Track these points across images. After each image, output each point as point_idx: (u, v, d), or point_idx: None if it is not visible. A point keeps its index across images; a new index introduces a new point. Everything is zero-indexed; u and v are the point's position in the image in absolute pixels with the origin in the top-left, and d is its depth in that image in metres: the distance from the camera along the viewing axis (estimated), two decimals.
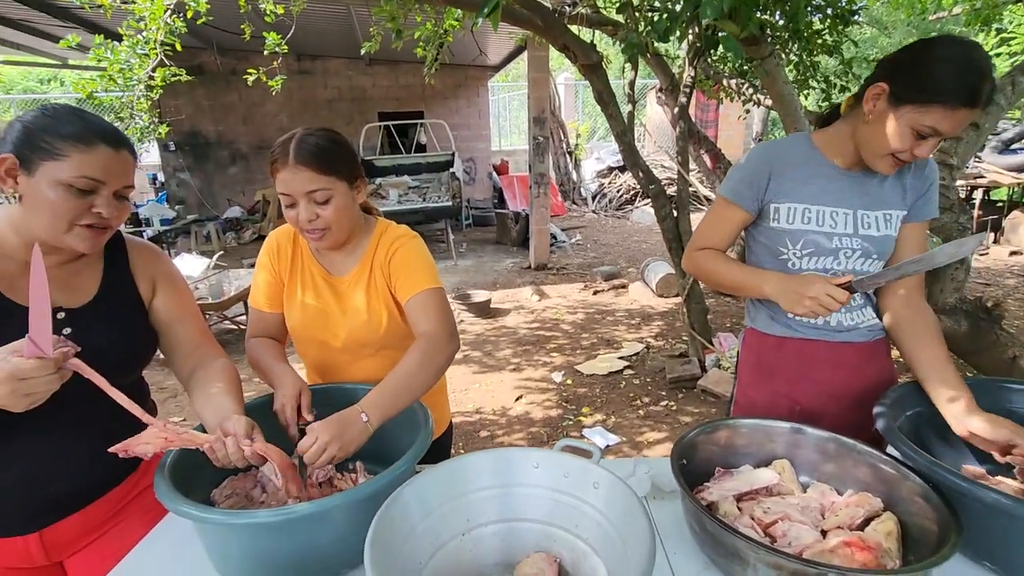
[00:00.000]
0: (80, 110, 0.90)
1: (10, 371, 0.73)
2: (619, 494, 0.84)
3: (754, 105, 4.16)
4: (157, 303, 1.10)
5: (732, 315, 4.85)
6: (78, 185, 0.87)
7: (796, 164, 1.21)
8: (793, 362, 1.28)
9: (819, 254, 1.19)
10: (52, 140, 0.86)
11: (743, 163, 1.27)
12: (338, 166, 1.13)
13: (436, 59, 4.27)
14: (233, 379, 1.07)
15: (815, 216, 1.19)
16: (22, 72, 14.78)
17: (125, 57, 4.29)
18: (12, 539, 0.96)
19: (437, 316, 1.17)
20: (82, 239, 0.91)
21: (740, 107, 4.84)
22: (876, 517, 0.93)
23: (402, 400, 1.04)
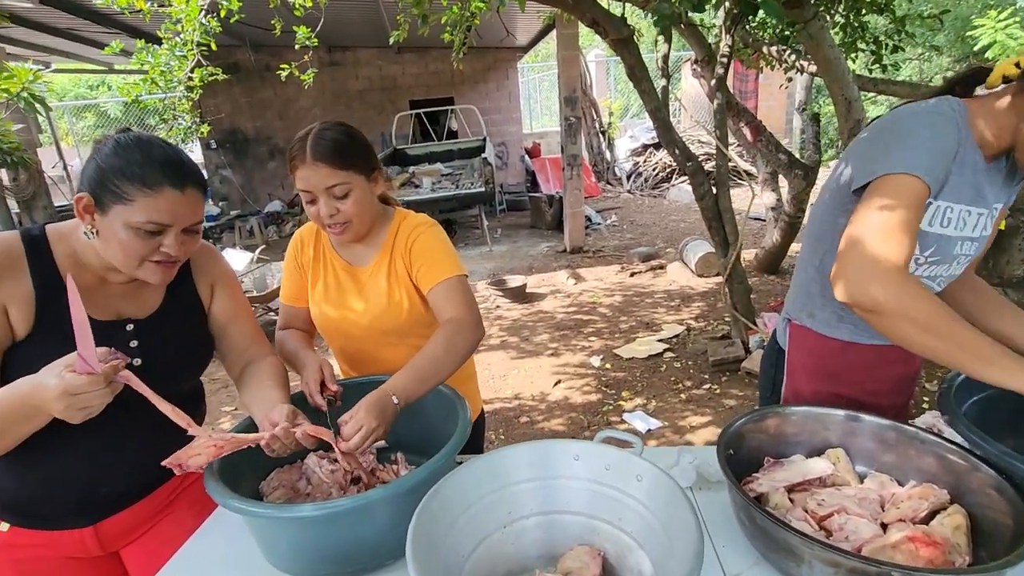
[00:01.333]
0: (149, 143, 0.92)
1: (64, 387, 0.76)
2: (663, 487, 0.81)
3: (797, 73, 3.95)
4: (215, 306, 1.14)
5: (777, 294, 4.68)
6: (146, 228, 0.89)
7: (963, 146, 0.94)
8: (862, 365, 1.14)
9: (942, 262, 1.01)
10: (120, 183, 0.87)
11: (925, 132, 0.92)
12: (355, 160, 1.14)
13: (464, 43, 4.22)
14: (281, 374, 1.10)
15: (955, 217, 0.96)
16: (72, 79, 15.47)
17: (165, 60, 4.42)
18: (70, 531, 1.01)
19: (461, 303, 1.18)
20: (152, 273, 0.94)
21: (781, 76, 4.61)
22: (942, 510, 0.87)
23: (427, 384, 1.05)
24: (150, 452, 0.90)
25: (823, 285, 1.12)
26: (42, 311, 0.91)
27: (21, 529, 0.99)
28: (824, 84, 3.00)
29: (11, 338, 0.90)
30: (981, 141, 0.94)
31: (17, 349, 0.90)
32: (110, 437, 0.86)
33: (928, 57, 9.44)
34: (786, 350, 1.24)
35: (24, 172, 5.39)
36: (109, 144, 0.91)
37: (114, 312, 1.00)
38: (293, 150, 1.13)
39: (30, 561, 1.01)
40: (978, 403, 1.04)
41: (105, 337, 0.95)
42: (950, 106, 0.95)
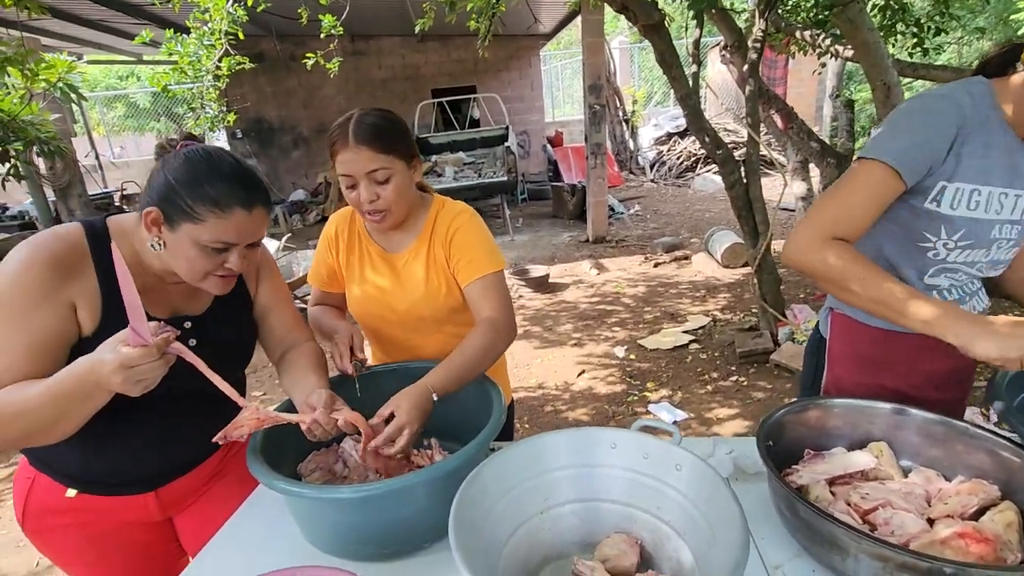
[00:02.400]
0: (219, 160, 0.92)
1: (120, 361, 0.77)
2: (704, 477, 0.80)
3: (831, 58, 3.83)
4: (260, 295, 1.17)
5: (806, 286, 4.59)
6: (213, 246, 0.91)
7: (981, 129, 0.94)
8: (903, 356, 1.12)
9: (975, 247, 0.99)
10: (192, 203, 0.89)
11: (918, 116, 0.96)
12: (396, 145, 1.14)
13: (489, 31, 4.19)
14: (320, 359, 1.13)
15: (984, 200, 0.95)
16: (103, 70, 15.82)
17: (193, 49, 4.48)
18: (135, 496, 1.07)
19: (498, 303, 1.19)
20: (215, 286, 0.97)
21: (811, 62, 4.48)
22: (992, 506, 0.85)
23: (463, 382, 1.07)
24: (205, 423, 0.93)
25: None
26: (107, 308, 0.92)
27: (87, 495, 1.03)
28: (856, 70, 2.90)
29: (78, 335, 0.91)
30: (1013, 121, 0.94)
31: (83, 346, 0.91)
32: (170, 411, 0.90)
33: (968, 41, 9.08)
34: (827, 339, 1.22)
35: (60, 161, 5.54)
36: (179, 159, 0.91)
37: (171, 309, 1.03)
38: (334, 135, 1.13)
39: (94, 524, 1.06)
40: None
41: None
42: (966, 89, 0.96)
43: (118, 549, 1.09)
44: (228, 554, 0.97)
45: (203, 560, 0.96)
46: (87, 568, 1.10)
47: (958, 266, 1.04)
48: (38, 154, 3.47)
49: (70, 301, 0.89)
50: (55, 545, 1.07)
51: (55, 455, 1.00)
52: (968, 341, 0.87)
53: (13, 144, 2.92)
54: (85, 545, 1.06)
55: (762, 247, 3.32)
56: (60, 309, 0.88)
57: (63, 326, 0.88)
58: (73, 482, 1.03)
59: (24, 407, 0.82)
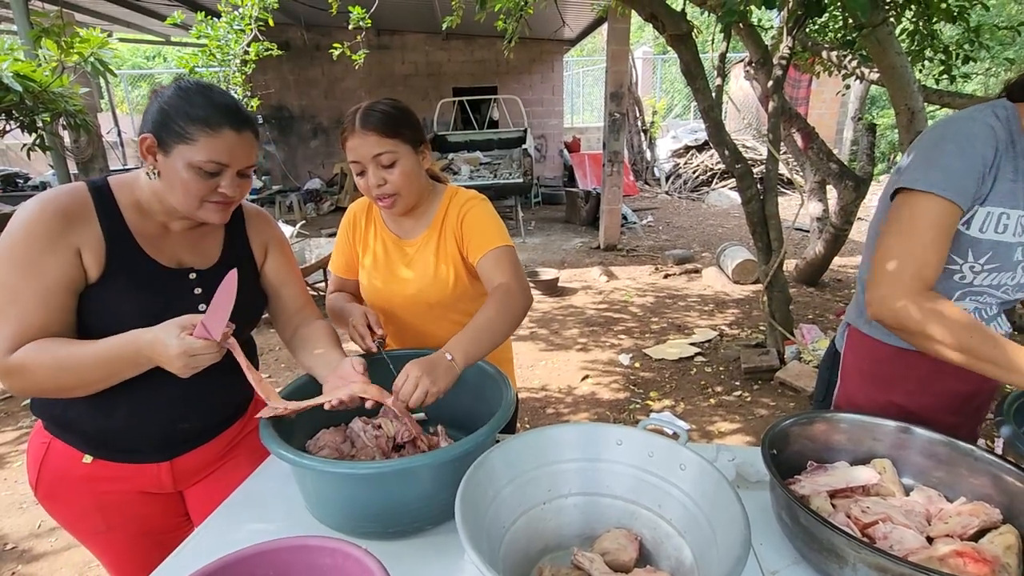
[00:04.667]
0: (208, 88, 0.96)
1: (185, 348, 0.85)
2: (708, 477, 0.81)
3: (856, 80, 3.82)
4: (268, 267, 1.19)
5: (815, 306, 4.57)
6: (206, 168, 0.94)
7: (1012, 151, 0.95)
8: (915, 375, 1.12)
9: (1002, 270, 1.00)
10: (184, 124, 0.91)
11: (958, 143, 0.94)
12: (401, 130, 1.17)
13: (515, 32, 4.22)
14: (333, 336, 1.17)
15: (1012, 224, 0.95)
16: (131, 49, 16.00)
17: (223, 33, 4.54)
18: (149, 465, 1.08)
19: (510, 270, 1.20)
20: (212, 213, 0.99)
21: (834, 83, 4.48)
22: (992, 529, 0.85)
23: (484, 344, 1.05)
24: (223, 394, 0.98)
25: None
26: (111, 256, 0.96)
27: (104, 462, 1.05)
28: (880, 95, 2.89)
29: (85, 281, 0.95)
30: None
31: (89, 292, 0.95)
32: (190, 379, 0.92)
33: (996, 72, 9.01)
34: (842, 353, 1.24)
35: (85, 135, 5.62)
36: (171, 88, 0.95)
37: (176, 260, 1.05)
38: (344, 123, 1.17)
39: (109, 494, 1.08)
40: None
41: (172, 283, 1.03)
42: (992, 111, 0.96)
43: (128, 520, 1.10)
44: (234, 522, 0.99)
45: (209, 527, 0.98)
46: (95, 536, 1.11)
47: (984, 289, 1.04)
48: (64, 127, 3.53)
49: (76, 247, 0.93)
50: (67, 511, 1.09)
51: (73, 418, 1.02)
52: None
53: (41, 115, 2.97)
54: (96, 514, 1.08)
55: (774, 264, 3.31)
56: (67, 255, 0.92)
57: (71, 271, 0.93)
58: (90, 447, 1.05)
59: (69, 362, 0.89)
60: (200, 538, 0.96)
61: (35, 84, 2.87)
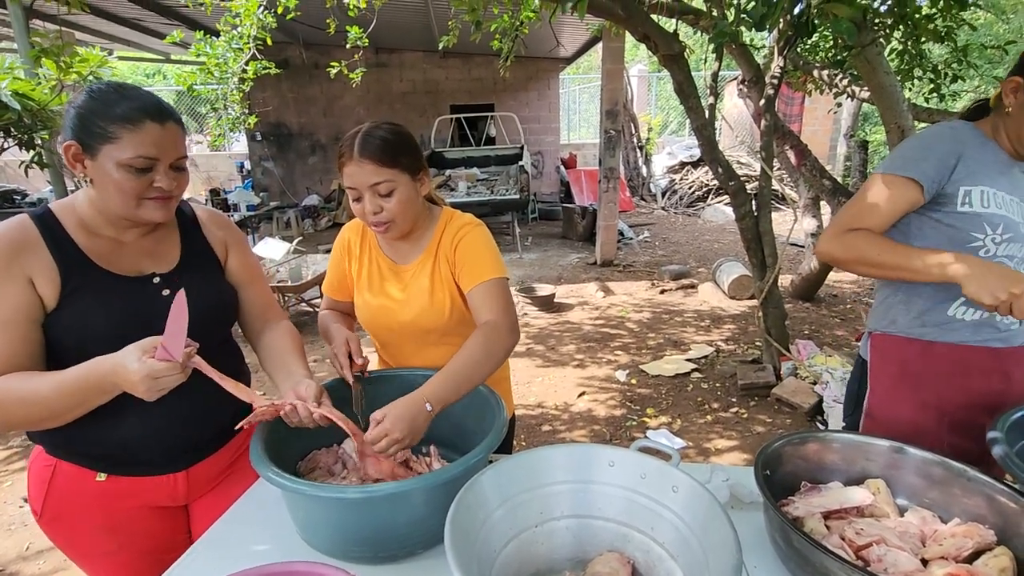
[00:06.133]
0: (122, 87, 0.96)
1: (147, 372, 0.84)
2: (700, 500, 0.81)
3: (847, 98, 3.87)
4: (231, 265, 1.19)
5: (811, 322, 4.58)
6: (136, 165, 0.93)
7: (981, 148, 1.14)
8: (944, 368, 1.17)
9: (1017, 240, 1.11)
10: (104, 123, 0.91)
11: (926, 141, 1.16)
12: (400, 159, 1.15)
13: (511, 51, 4.28)
14: (298, 342, 1.17)
15: (1004, 203, 1.12)
16: (131, 67, 16.14)
17: (222, 52, 4.59)
18: (165, 477, 1.08)
19: (499, 307, 1.18)
20: (152, 210, 0.98)
21: (827, 101, 4.54)
22: (987, 551, 0.85)
23: (463, 389, 1.06)
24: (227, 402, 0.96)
25: (903, 293, 1.23)
26: (67, 278, 0.96)
27: (119, 477, 1.05)
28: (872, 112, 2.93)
29: (43, 309, 0.95)
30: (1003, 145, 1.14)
31: (54, 318, 0.95)
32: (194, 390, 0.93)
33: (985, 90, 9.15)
34: (868, 361, 1.29)
35: None
36: (83, 94, 0.94)
37: (135, 269, 1.04)
38: (342, 147, 1.15)
39: (121, 511, 1.07)
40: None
41: (137, 291, 1.02)
42: (949, 124, 1.18)
43: (136, 538, 1.09)
44: (223, 545, 0.98)
45: (198, 550, 0.97)
46: (100, 558, 1.10)
47: (1006, 260, 1.12)
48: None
49: (27, 276, 0.93)
50: (73, 533, 1.07)
51: (81, 440, 1.01)
52: (964, 279, 1.01)
53: (40, 132, 2.99)
54: (106, 534, 1.07)
55: (769, 280, 3.33)
56: (19, 283, 0.92)
57: (26, 299, 0.92)
58: (103, 464, 1.04)
59: (35, 396, 0.88)
60: (190, 561, 0.95)
61: (34, 102, 2.89)
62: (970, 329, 1.16)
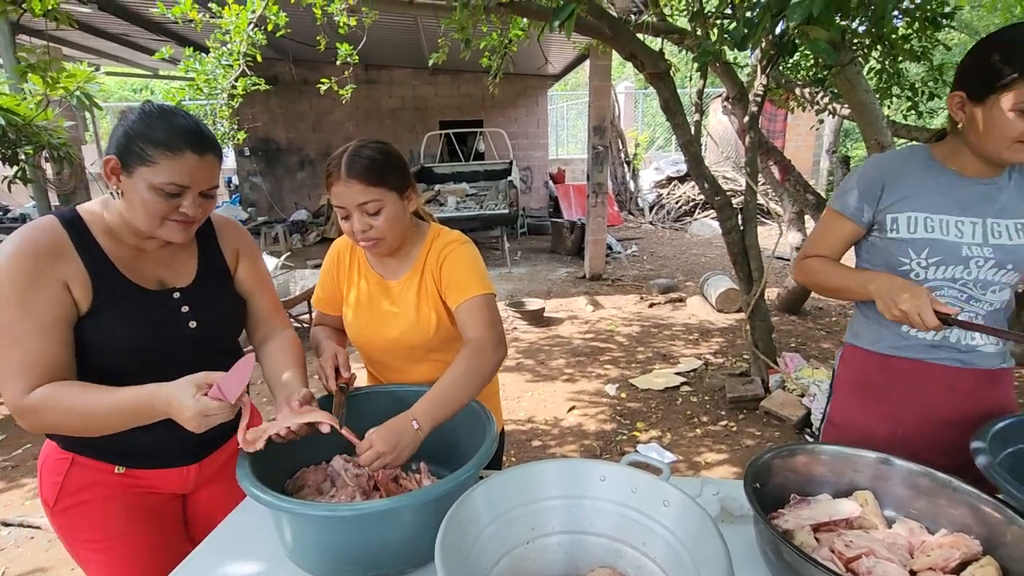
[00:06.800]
0: (171, 112, 0.98)
1: (200, 409, 0.87)
2: (691, 514, 0.81)
3: (828, 115, 3.97)
4: (240, 273, 1.22)
5: (798, 335, 4.63)
6: (167, 190, 0.96)
7: (914, 174, 1.18)
8: (900, 382, 1.22)
9: (948, 263, 1.14)
10: (145, 146, 0.94)
11: (857, 175, 1.24)
12: (388, 178, 1.15)
13: (500, 69, 4.33)
14: (299, 353, 1.19)
15: (939, 225, 1.14)
16: (118, 82, 16.11)
17: (211, 68, 4.59)
18: (180, 469, 1.14)
19: (485, 323, 1.19)
20: (173, 232, 1.01)
21: (809, 118, 4.64)
22: (974, 561, 0.86)
23: (451, 407, 1.06)
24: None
25: (865, 307, 1.29)
26: (98, 287, 0.99)
27: (136, 470, 1.10)
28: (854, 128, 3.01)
29: (77, 312, 0.98)
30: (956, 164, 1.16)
31: (82, 324, 0.98)
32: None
33: None
34: (836, 370, 1.35)
35: (68, 167, 5.60)
36: (135, 113, 0.98)
37: (156, 280, 1.07)
38: (330, 166, 1.16)
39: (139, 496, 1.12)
40: (1014, 454, 1.02)
41: (159, 306, 1.05)
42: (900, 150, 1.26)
43: (152, 518, 1.13)
44: (212, 564, 0.96)
45: (186, 568, 0.95)
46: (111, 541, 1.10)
47: (940, 283, 1.16)
48: (47, 159, 3.52)
49: (62, 280, 0.96)
50: (87, 521, 1.08)
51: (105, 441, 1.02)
52: (875, 297, 1.09)
53: (24, 148, 2.96)
54: (123, 515, 1.09)
55: (755, 294, 3.36)
56: (56, 288, 0.95)
57: (62, 305, 0.95)
58: (121, 459, 1.08)
59: (87, 411, 0.93)
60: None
61: (19, 117, 2.87)
62: (923, 346, 1.19)
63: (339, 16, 4.19)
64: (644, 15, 3.67)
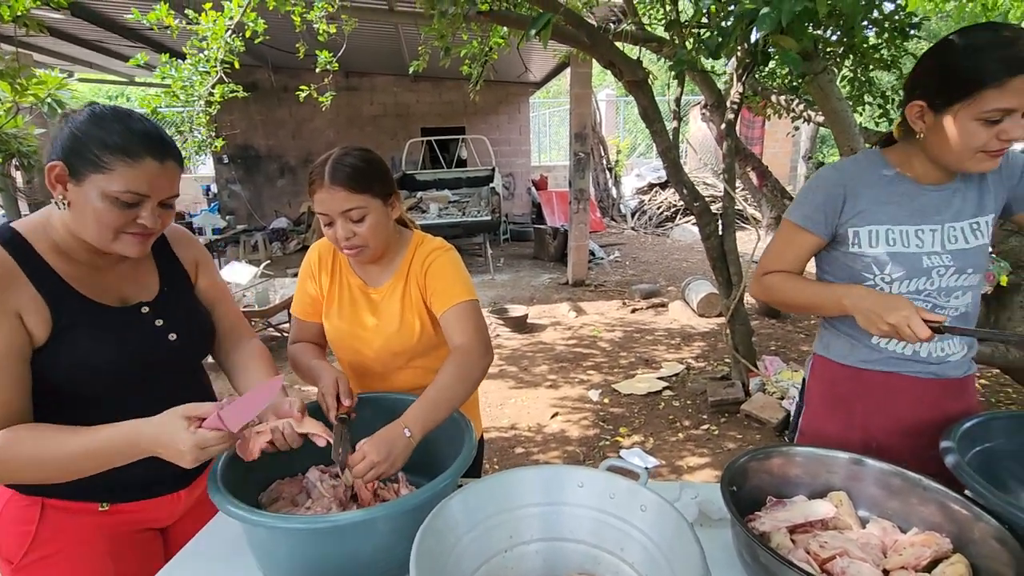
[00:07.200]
0: (127, 115, 0.90)
1: (197, 442, 0.81)
2: (668, 518, 0.81)
3: (804, 122, 4.05)
4: (201, 284, 1.16)
5: (778, 338, 4.69)
6: (124, 199, 0.88)
7: (873, 184, 1.14)
8: (871, 395, 1.21)
9: (911, 276, 1.12)
10: (100, 152, 0.86)
11: (813, 185, 1.20)
12: (372, 185, 1.15)
13: (481, 76, 4.34)
14: (269, 361, 1.15)
15: (899, 237, 1.12)
16: (93, 89, 15.79)
17: (188, 75, 4.53)
18: (169, 496, 1.07)
19: (471, 329, 1.19)
20: (129, 245, 0.93)
21: (787, 124, 4.73)
22: (944, 559, 0.87)
23: (441, 413, 1.06)
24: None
25: (835, 320, 1.25)
26: (57, 314, 0.91)
27: (123, 504, 1.02)
28: (829, 134, 3.08)
29: (31, 344, 0.89)
30: (910, 170, 1.14)
31: (46, 353, 0.90)
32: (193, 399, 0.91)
33: None
34: (807, 381, 1.34)
35: (39, 175, 5.48)
36: (84, 114, 0.89)
37: (119, 297, 1.00)
38: (313, 173, 1.15)
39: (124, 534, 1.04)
40: (981, 453, 1.04)
41: (130, 324, 0.98)
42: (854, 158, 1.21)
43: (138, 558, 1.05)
44: None
45: None
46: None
47: (911, 296, 1.13)
48: (17, 167, 3.44)
49: (15, 311, 0.87)
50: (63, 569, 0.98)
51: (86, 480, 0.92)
52: (854, 313, 1.06)
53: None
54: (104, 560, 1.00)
55: (735, 298, 3.40)
56: (9, 320, 0.87)
57: (18, 337, 0.87)
58: (107, 494, 1.00)
59: (53, 457, 0.84)
60: None
61: None
62: (896, 359, 1.18)
63: (318, 23, 4.17)
64: (623, 24, 3.71)
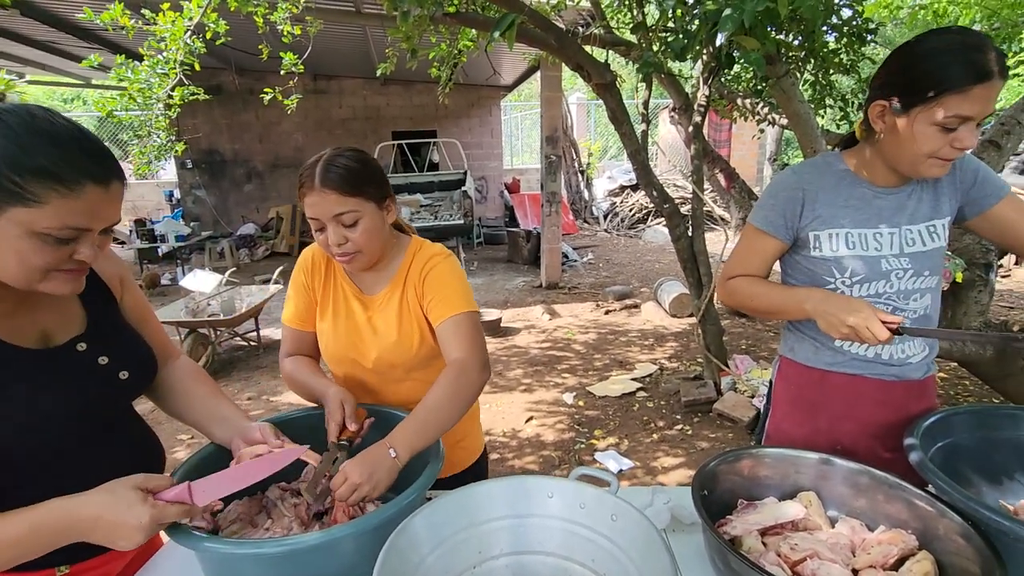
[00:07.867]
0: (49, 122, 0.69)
1: (154, 518, 0.71)
2: (638, 527, 0.79)
3: (768, 124, 4.14)
4: (127, 303, 1.01)
5: (748, 336, 4.77)
6: (58, 235, 0.70)
7: (831, 187, 1.15)
8: (837, 398, 1.21)
9: (870, 279, 1.13)
10: (24, 181, 0.66)
11: (773, 190, 1.20)
12: (365, 187, 1.09)
13: (450, 79, 4.31)
14: (211, 383, 1.08)
15: (859, 240, 1.12)
16: (46, 92, 15.19)
17: (145, 77, 4.38)
18: None
19: (470, 343, 1.13)
20: (61, 284, 0.75)
21: (753, 127, 4.82)
22: (911, 556, 0.88)
23: (431, 434, 1.00)
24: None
25: (799, 323, 1.26)
26: None
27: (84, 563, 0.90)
28: (794, 137, 3.15)
29: None
30: (868, 173, 1.15)
31: None
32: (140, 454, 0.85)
33: None
34: (773, 384, 1.33)
35: None
36: None
37: (40, 334, 0.84)
38: (303, 176, 1.08)
39: None
40: (943, 449, 1.06)
41: (71, 365, 0.85)
42: (813, 162, 1.21)
43: None
44: None
45: None
46: None
47: (870, 299, 1.14)
48: None
49: None
50: None
51: None
52: (815, 316, 1.06)
53: None
54: None
55: (705, 298, 3.44)
56: None
57: None
58: (60, 556, 0.81)
59: None
60: None
61: None
62: (860, 361, 1.19)
63: (282, 25, 4.09)
64: (591, 28, 3.73)
